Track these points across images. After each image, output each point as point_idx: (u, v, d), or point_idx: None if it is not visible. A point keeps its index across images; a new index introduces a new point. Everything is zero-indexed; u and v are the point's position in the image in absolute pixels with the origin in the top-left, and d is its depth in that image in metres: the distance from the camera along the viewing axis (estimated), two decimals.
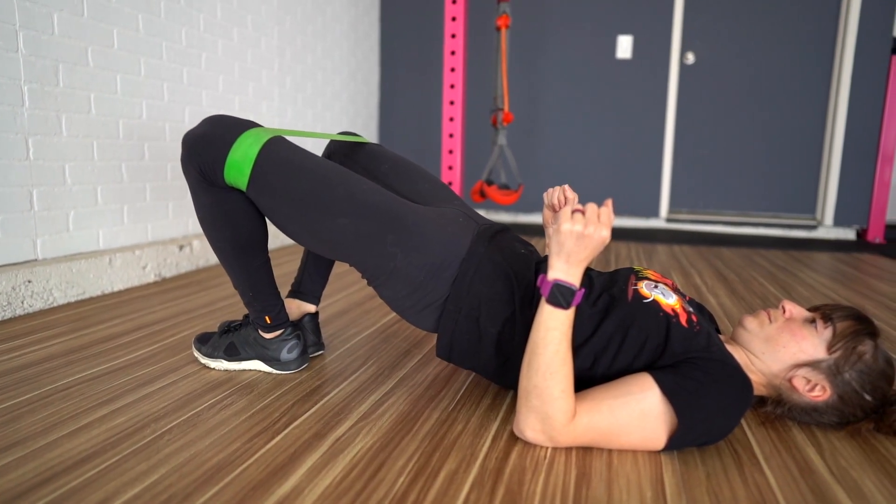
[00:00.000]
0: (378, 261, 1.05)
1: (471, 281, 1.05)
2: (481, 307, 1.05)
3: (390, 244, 1.03)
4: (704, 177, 4.10)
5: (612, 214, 0.90)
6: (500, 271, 1.06)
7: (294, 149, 1.07)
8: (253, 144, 1.02)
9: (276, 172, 1.02)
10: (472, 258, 1.06)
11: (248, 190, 1.04)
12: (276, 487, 0.84)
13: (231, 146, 1.01)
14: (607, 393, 0.94)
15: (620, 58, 3.92)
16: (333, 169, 1.06)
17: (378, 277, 1.08)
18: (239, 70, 2.59)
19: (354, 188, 1.05)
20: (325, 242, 1.07)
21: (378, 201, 1.05)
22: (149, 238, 2.15)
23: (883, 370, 1.00)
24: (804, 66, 3.85)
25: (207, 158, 1.02)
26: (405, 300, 1.09)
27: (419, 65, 4.15)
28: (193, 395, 1.15)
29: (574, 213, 0.90)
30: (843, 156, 3.75)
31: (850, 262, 2.95)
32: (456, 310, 1.06)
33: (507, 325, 1.04)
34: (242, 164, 1.01)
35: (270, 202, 1.04)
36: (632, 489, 0.86)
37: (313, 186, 1.02)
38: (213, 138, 1.01)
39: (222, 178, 1.03)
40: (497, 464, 0.92)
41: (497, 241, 1.11)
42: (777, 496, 0.85)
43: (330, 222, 1.03)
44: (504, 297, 1.04)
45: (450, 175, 2.61)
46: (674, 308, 1.01)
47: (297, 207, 1.03)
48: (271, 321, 1.25)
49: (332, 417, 1.07)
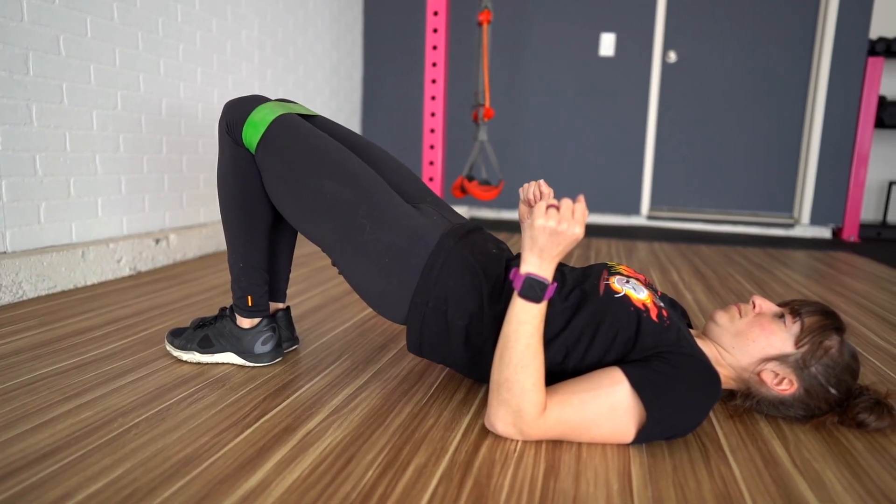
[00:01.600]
0: (348, 230, 1.08)
1: (438, 273, 1.05)
2: (448, 300, 1.05)
3: (362, 215, 1.07)
4: (685, 175, 4.14)
5: (585, 211, 0.91)
6: (468, 266, 1.06)
7: (304, 124, 1.17)
8: (271, 112, 1.16)
9: (283, 136, 1.13)
10: (441, 251, 1.07)
11: (258, 149, 1.15)
12: (242, 481, 0.83)
13: (255, 108, 1.16)
14: (577, 387, 0.95)
15: (603, 55, 3.94)
16: (332, 142, 1.16)
17: (345, 251, 1.09)
18: (218, 62, 2.56)
19: (345, 158, 1.13)
20: (304, 205, 1.12)
21: (363, 174, 1.12)
22: (124, 231, 2.12)
23: (848, 364, 1.01)
24: (783, 67, 3.90)
25: (234, 116, 1.16)
26: (372, 287, 1.09)
27: (403, 59, 4.14)
28: (164, 389, 1.14)
29: (548, 208, 0.90)
30: (820, 156, 3.81)
31: (825, 259, 3.00)
32: (423, 302, 1.06)
33: (475, 319, 1.04)
34: (259, 124, 1.14)
35: (271, 161, 1.14)
36: (599, 481, 0.86)
37: (311, 150, 1.12)
38: (244, 101, 1.18)
39: (241, 134, 1.16)
40: (467, 457, 0.92)
41: (468, 239, 1.12)
42: (741, 488, 0.86)
43: (316, 182, 1.10)
44: (471, 291, 1.05)
45: (431, 170, 2.61)
46: (644, 303, 1.02)
47: (292, 166, 1.12)
48: (252, 304, 1.26)
49: (303, 411, 1.07)
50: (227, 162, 1.21)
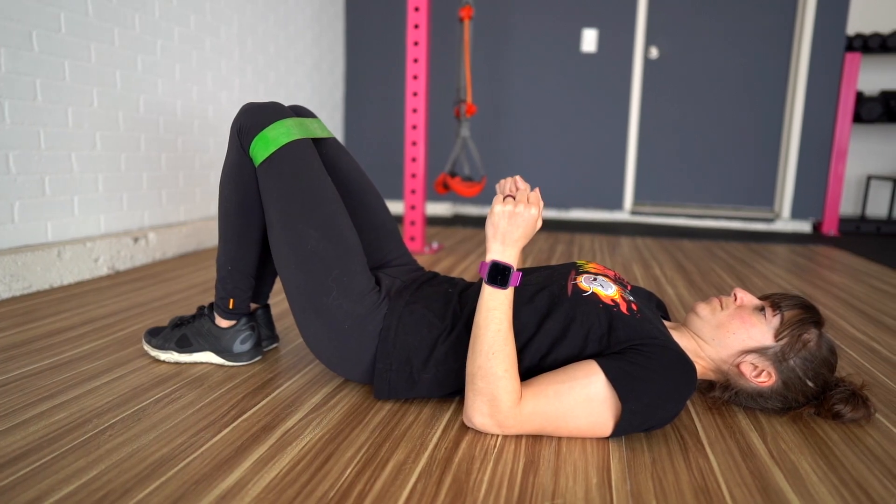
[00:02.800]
0: (314, 288, 1.07)
1: (395, 335, 1.06)
2: (412, 359, 1.06)
3: (333, 277, 1.07)
4: (668, 170, 4.17)
5: (539, 198, 0.97)
6: (422, 319, 1.07)
7: (314, 159, 1.13)
8: (287, 134, 1.11)
9: (290, 165, 1.10)
10: (394, 312, 1.08)
11: (261, 166, 1.11)
12: (219, 481, 0.82)
13: (272, 123, 1.11)
14: (553, 378, 0.95)
15: (585, 51, 3.95)
16: (332, 192, 1.13)
17: (307, 308, 1.09)
18: (197, 59, 2.53)
19: (337, 214, 1.11)
20: (286, 244, 1.10)
21: (347, 235, 1.11)
22: (101, 230, 2.09)
23: (825, 358, 1.02)
24: (763, 63, 3.94)
25: (248, 123, 1.11)
26: (330, 349, 1.10)
27: (385, 56, 4.12)
28: (140, 390, 1.12)
29: (506, 198, 0.97)
30: (800, 151, 3.85)
31: (805, 253, 3.04)
32: (387, 368, 1.06)
33: (441, 367, 1.05)
34: (270, 143, 1.10)
35: (271, 185, 1.11)
36: (578, 476, 0.86)
37: (310, 193, 1.10)
38: (264, 111, 1.12)
39: (249, 144, 1.12)
40: (446, 453, 0.92)
41: (421, 291, 1.13)
42: (718, 480, 0.86)
43: (302, 227, 1.08)
44: (430, 343, 1.05)
45: (413, 167, 2.60)
46: (613, 298, 1.02)
47: (287, 200, 1.09)
48: (234, 307, 1.25)
49: (282, 410, 1.06)
50: (232, 165, 1.18)
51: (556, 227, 3.73)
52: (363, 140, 4.22)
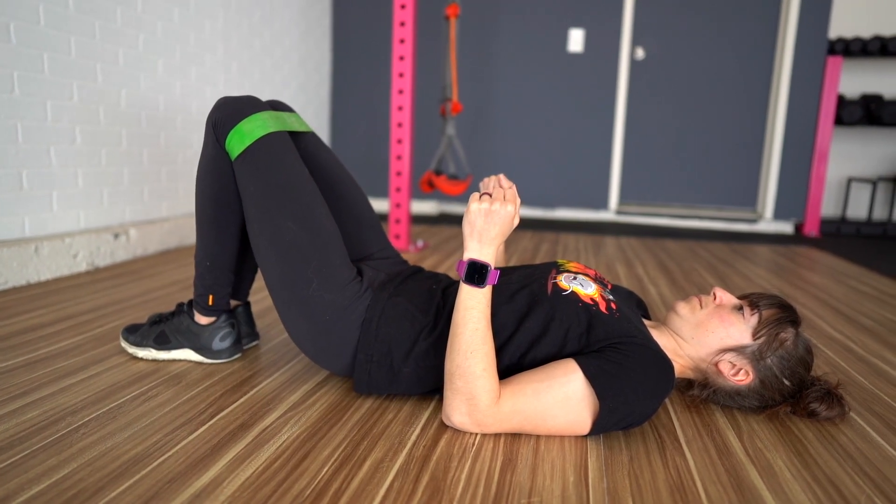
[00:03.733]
0: (295, 281, 1.06)
1: (377, 325, 1.06)
2: (392, 351, 1.06)
3: (312, 269, 1.06)
4: (653, 171, 4.19)
5: (516, 195, 0.98)
6: (404, 312, 1.07)
7: (290, 151, 1.12)
8: (263, 127, 1.10)
9: (266, 157, 1.09)
10: (377, 304, 1.08)
11: (238, 160, 1.10)
12: (194, 479, 0.82)
13: (247, 117, 1.10)
14: (532, 377, 0.95)
15: (572, 51, 3.96)
16: (310, 184, 1.12)
17: (288, 300, 1.08)
18: (181, 53, 2.50)
19: (315, 205, 1.10)
20: (265, 237, 1.09)
21: (326, 227, 1.10)
22: (81, 226, 2.06)
23: (802, 357, 1.04)
24: (747, 65, 3.98)
25: (223, 117, 1.10)
26: (313, 340, 1.09)
27: (372, 53, 4.10)
28: (116, 387, 1.11)
29: (482, 195, 0.97)
30: (783, 153, 3.89)
31: (786, 254, 3.07)
32: (367, 359, 1.06)
33: (422, 361, 1.05)
34: (246, 136, 1.09)
35: (247, 178, 1.10)
36: (556, 474, 0.87)
37: (287, 185, 1.09)
38: (239, 103, 1.11)
39: (225, 139, 1.11)
40: (424, 451, 0.91)
41: (405, 285, 1.13)
42: (694, 477, 0.87)
43: (280, 219, 1.07)
44: (411, 336, 1.05)
45: (399, 164, 2.59)
46: (592, 297, 1.03)
47: (265, 193, 1.08)
48: (213, 303, 1.24)
49: (260, 408, 1.05)
50: (208, 159, 1.16)
51: (541, 226, 3.74)
52: (349, 138, 4.21)
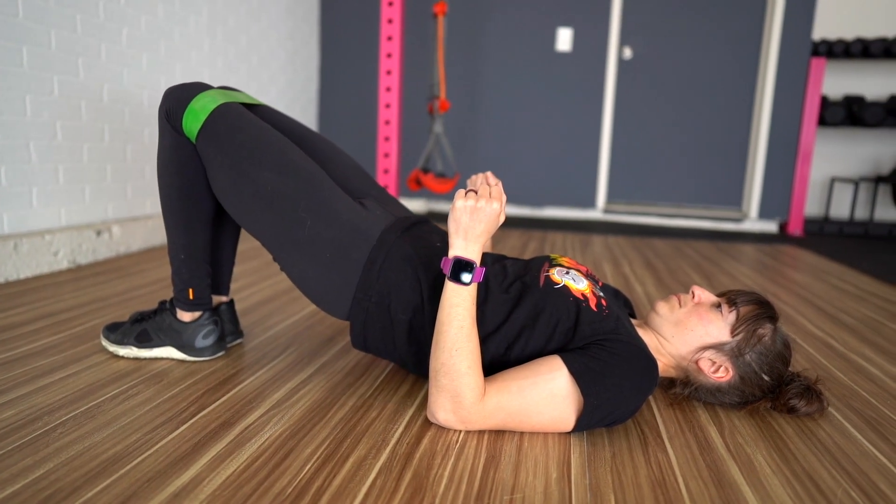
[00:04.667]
0: (288, 225, 1.06)
1: (380, 268, 1.05)
2: (391, 295, 1.05)
3: (302, 209, 1.05)
4: (640, 170, 4.22)
5: (502, 192, 0.97)
6: (410, 260, 1.06)
7: (246, 113, 1.13)
8: (213, 101, 1.11)
9: (224, 124, 1.10)
10: (383, 246, 1.06)
11: (198, 138, 1.10)
12: (173, 478, 0.81)
13: (195, 96, 1.11)
14: (517, 374, 0.95)
15: (560, 50, 3.97)
16: (275, 133, 1.12)
17: (285, 246, 1.07)
18: (165, 49, 2.48)
19: (287, 149, 1.10)
20: (245, 197, 1.09)
21: (304, 166, 1.09)
22: (62, 223, 2.03)
23: (780, 352, 1.05)
24: (732, 66, 4.01)
25: (174, 103, 1.10)
26: (314, 283, 1.07)
27: (360, 50, 4.09)
28: (96, 386, 1.10)
29: (468, 192, 0.96)
30: (768, 153, 3.93)
31: (771, 252, 3.10)
32: (366, 297, 1.05)
33: (418, 313, 1.04)
34: (200, 112, 1.09)
35: (212, 152, 1.10)
36: (539, 470, 0.87)
37: (252, 140, 1.09)
38: (185, 88, 1.12)
39: (181, 123, 1.10)
40: (408, 449, 0.91)
41: (411, 232, 1.12)
42: (676, 473, 0.88)
43: (255, 173, 1.07)
44: (414, 285, 1.05)
45: (386, 162, 2.58)
46: (583, 293, 1.03)
47: (232, 158, 1.08)
48: (194, 297, 1.22)
49: (243, 406, 1.04)
50: (168, 150, 1.16)
51: (529, 224, 3.75)
52: (338, 135, 4.19)
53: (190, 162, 1.15)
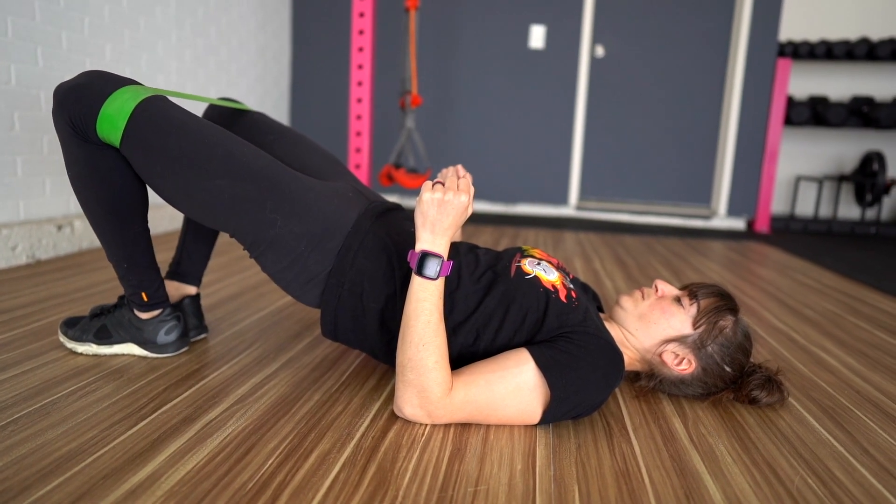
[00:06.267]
0: (257, 227, 1.01)
1: (355, 255, 1.04)
2: (364, 282, 1.03)
3: (270, 210, 1.01)
4: (612, 167, 4.26)
5: (469, 184, 0.96)
6: (385, 247, 1.05)
7: (174, 107, 1.00)
8: (130, 99, 0.96)
9: (152, 128, 0.96)
10: (357, 233, 1.05)
11: (122, 146, 0.97)
12: (129, 475, 0.79)
13: (106, 99, 0.95)
14: (484, 368, 0.95)
15: (533, 47, 3.98)
16: (214, 129, 1.02)
17: (258, 245, 1.04)
18: (130, 39, 2.41)
19: (234, 149, 1.01)
20: (201, 205, 1.01)
21: (259, 165, 1.02)
22: (21, 217, 1.97)
23: (741, 343, 1.06)
24: (702, 66, 4.07)
25: (79, 110, 0.95)
26: (287, 272, 1.05)
27: (332, 44, 4.05)
28: (52, 383, 1.06)
29: (435, 184, 0.95)
30: (736, 151, 4.00)
31: (738, 249, 3.16)
32: (338, 284, 1.03)
33: (390, 303, 1.03)
34: (117, 118, 0.95)
35: (144, 159, 0.98)
36: (503, 462, 0.87)
37: (191, 144, 0.97)
38: (88, 89, 0.95)
39: (95, 131, 0.96)
40: (373, 443, 0.90)
41: (386, 219, 1.10)
42: (639, 463, 0.88)
43: (206, 182, 0.98)
44: (387, 273, 1.04)
45: (358, 157, 2.56)
46: (554, 284, 1.03)
47: (173, 166, 0.98)
48: (148, 299, 1.18)
49: (205, 401, 1.02)
50: (80, 163, 1.01)
51: (501, 221, 3.76)
52: (312, 130, 4.14)
53: (112, 170, 1.02)
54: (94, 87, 0.95)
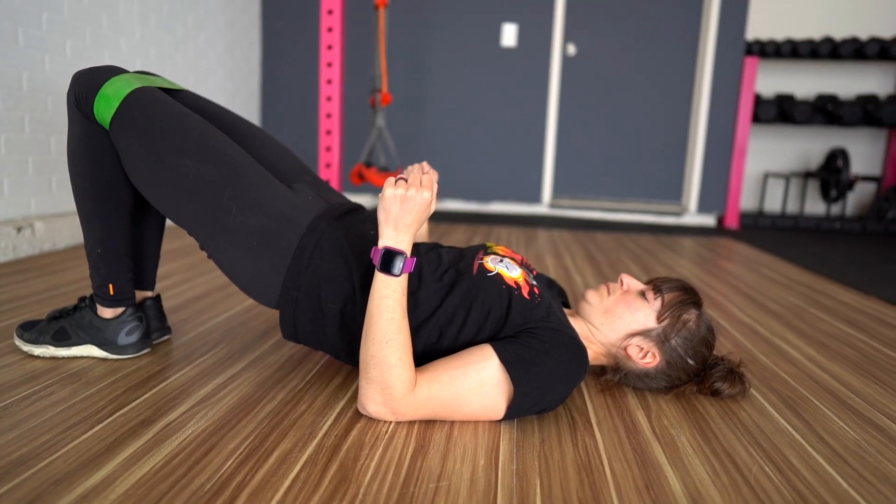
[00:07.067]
0: (213, 213, 1.02)
1: (310, 256, 1.03)
2: (321, 284, 1.03)
3: (228, 196, 1.02)
4: (585, 165, 4.30)
5: (432, 179, 0.96)
6: (341, 249, 1.04)
7: (164, 98, 1.08)
8: (127, 85, 1.05)
9: (140, 111, 1.05)
10: (313, 233, 1.04)
11: (112, 125, 1.05)
12: (82, 479, 0.77)
13: (107, 81, 1.05)
14: (448, 364, 0.95)
15: (505, 46, 4.00)
16: (195, 117, 1.08)
17: (212, 235, 1.04)
18: (92, 35, 2.36)
19: (208, 135, 1.06)
20: (166, 186, 1.05)
21: (228, 153, 1.06)
22: None
23: (704, 337, 1.08)
24: (672, 65, 4.13)
25: (84, 87, 1.05)
26: (243, 270, 1.04)
27: (303, 42, 4.01)
28: (5, 387, 1.03)
29: (398, 180, 0.94)
30: (706, 149, 4.07)
31: (708, 245, 3.21)
32: (295, 286, 1.03)
33: (349, 303, 1.02)
34: (112, 98, 1.04)
35: (127, 140, 1.05)
36: (466, 458, 0.86)
37: (171, 126, 1.04)
38: (95, 72, 1.06)
39: (92, 109, 1.05)
40: (335, 441, 0.89)
41: (344, 220, 1.10)
42: (602, 456, 0.89)
43: (176, 161, 1.03)
44: (345, 274, 1.03)
45: (328, 156, 2.54)
46: (516, 281, 1.03)
47: (150, 145, 1.04)
48: (115, 293, 1.16)
49: (165, 403, 1.00)
50: (78, 139, 1.10)
51: (475, 219, 3.77)
52: (283, 130, 4.10)
53: (104, 151, 1.10)
54: (100, 71, 1.06)
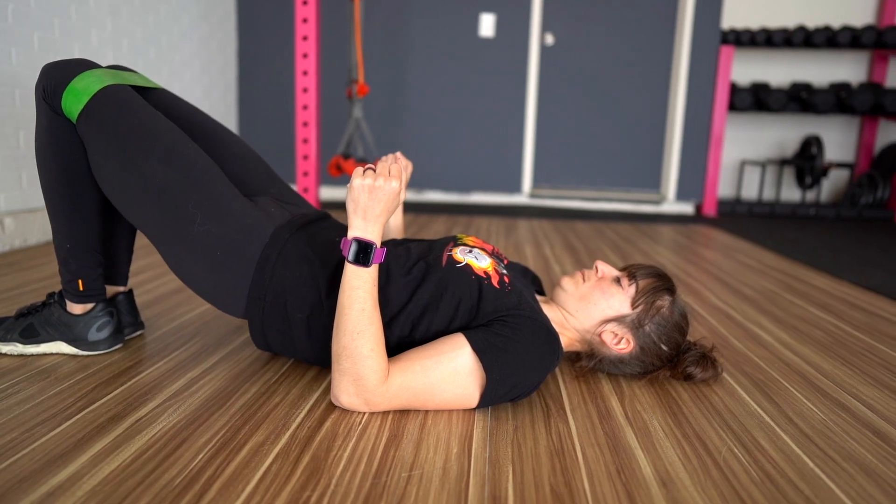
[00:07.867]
0: (176, 220, 1.01)
1: (273, 266, 1.03)
2: (287, 294, 1.02)
3: (192, 204, 1.01)
4: (564, 155, 4.31)
5: (401, 168, 0.95)
6: (305, 257, 1.04)
7: (136, 98, 1.07)
8: (98, 81, 1.04)
9: (109, 109, 1.03)
10: (276, 243, 1.04)
11: (79, 121, 1.03)
12: (49, 477, 0.76)
13: (77, 75, 1.03)
14: (421, 353, 0.95)
15: (483, 36, 3.98)
16: (166, 123, 1.07)
17: (173, 242, 1.02)
18: (61, 27, 2.31)
19: (178, 142, 1.05)
20: (130, 189, 1.03)
21: (196, 161, 1.04)
22: None
23: (677, 323, 1.09)
24: (649, 54, 4.15)
25: (53, 80, 1.03)
26: (205, 281, 1.04)
27: (279, 33, 3.96)
28: None
29: (366, 170, 0.94)
30: (683, 137, 4.10)
31: (686, 233, 3.25)
32: (260, 297, 1.03)
33: (316, 311, 1.02)
34: (82, 93, 1.02)
35: (94, 137, 1.03)
36: (440, 446, 0.87)
37: (140, 129, 1.03)
38: (66, 65, 1.04)
39: (60, 102, 1.03)
40: (309, 433, 0.89)
41: (308, 230, 1.10)
42: (574, 441, 0.90)
43: (143, 164, 1.01)
44: (309, 282, 1.03)
45: (305, 148, 2.52)
46: (486, 271, 1.04)
47: (117, 146, 1.02)
48: (84, 288, 1.15)
49: (136, 399, 0.99)
50: (45, 131, 1.08)
51: (456, 210, 3.76)
52: (261, 124, 4.05)
53: (72, 145, 1.08)
54: (71, 64, 1.04)
